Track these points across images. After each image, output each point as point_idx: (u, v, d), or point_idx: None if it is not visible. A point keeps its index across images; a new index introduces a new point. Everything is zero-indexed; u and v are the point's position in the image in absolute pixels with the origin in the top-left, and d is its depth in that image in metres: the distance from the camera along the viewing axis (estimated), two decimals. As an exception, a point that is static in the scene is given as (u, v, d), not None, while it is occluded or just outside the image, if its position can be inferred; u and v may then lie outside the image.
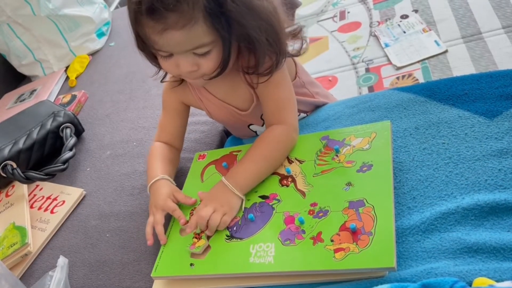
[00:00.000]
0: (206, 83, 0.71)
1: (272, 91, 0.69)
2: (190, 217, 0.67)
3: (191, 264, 0.60)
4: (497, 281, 0.45)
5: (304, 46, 0.70)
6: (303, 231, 0.56)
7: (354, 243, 0.52)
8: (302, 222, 0.57)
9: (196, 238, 0.63)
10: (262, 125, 0.80)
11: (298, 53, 0.70)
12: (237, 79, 0.71)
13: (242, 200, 0.65)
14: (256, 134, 0.83)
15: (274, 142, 0.68)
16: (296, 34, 0.69)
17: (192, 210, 0.68)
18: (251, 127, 0.81)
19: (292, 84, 0.73)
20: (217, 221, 0.62)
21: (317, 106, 0.85)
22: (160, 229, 0.66)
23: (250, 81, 0.69)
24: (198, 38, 0.60)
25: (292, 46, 0.70)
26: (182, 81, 0.77)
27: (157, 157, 0.78)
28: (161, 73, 0.76)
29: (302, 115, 0.83)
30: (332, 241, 0.53)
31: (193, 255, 0.61)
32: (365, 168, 0.60)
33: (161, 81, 0.79)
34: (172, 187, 0.72)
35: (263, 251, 0.57)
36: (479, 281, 0.45)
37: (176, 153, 0.82)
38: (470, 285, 0.46)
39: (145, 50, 0.66)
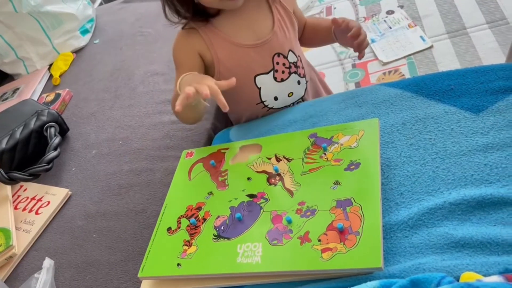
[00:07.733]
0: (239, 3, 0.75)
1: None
2: (177, 224, 0.65)
3: (178, 264, 0.59)
4: (484, 275, 0.45)
5: None
6: (291, 231, 0.56)
7: (341, 243, 0.51)
8: (289, 221, 0.57)
9: (186, 245, 0.61)
10: (268, 72, 0.80)
11: None
12: (253, 12, 0.78)
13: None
14: (260, 100, 0.83)
15: None
16: None
17: (179, 217, 0.66)
18: (257, 79, 0.80)
19: None
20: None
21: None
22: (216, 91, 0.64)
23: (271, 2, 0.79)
24: None
25: None
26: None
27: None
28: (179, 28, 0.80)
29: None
30: (319, 241, 0.53)
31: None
32: (353, 167, 0.60)
33: (182, 28, 0.79)
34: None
35: (251, 251, 0.56)
36: (466, 275, 0.45)
37: None
38: (458, 280, 0.46)
39: None
